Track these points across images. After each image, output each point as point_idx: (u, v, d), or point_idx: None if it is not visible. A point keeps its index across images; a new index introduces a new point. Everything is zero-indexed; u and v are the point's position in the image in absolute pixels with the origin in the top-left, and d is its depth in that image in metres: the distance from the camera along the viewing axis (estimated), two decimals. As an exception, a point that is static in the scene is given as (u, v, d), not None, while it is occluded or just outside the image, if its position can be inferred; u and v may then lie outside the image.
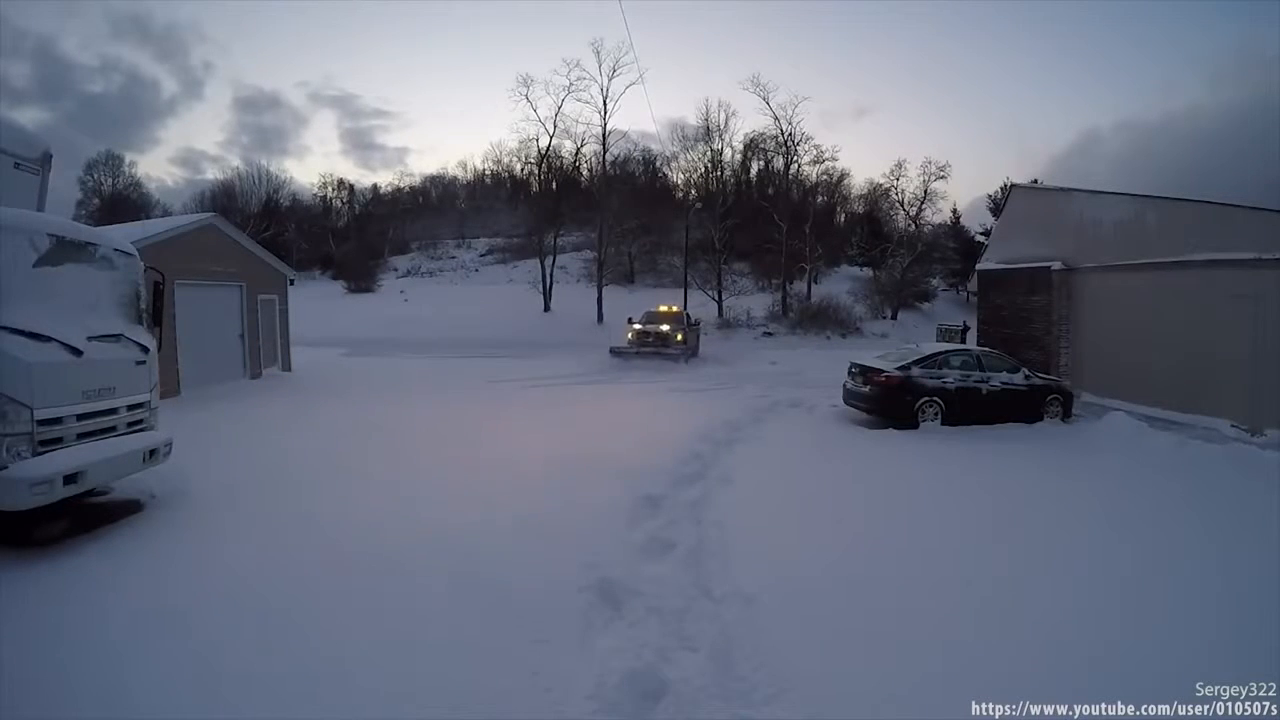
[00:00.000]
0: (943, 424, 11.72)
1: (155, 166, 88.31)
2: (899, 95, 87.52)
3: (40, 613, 4.07)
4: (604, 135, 40.13)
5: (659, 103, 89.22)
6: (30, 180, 6.21)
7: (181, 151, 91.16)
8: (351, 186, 61.16)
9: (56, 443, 5.06)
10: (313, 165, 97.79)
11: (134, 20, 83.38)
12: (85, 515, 5.67)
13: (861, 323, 36.45)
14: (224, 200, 50.48)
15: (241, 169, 66.31)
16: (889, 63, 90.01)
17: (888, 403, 11.92)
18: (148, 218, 37.02)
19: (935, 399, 11.81)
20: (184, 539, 5.40)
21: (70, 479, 4.97)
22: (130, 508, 6.04)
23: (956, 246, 44.36)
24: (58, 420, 5.08)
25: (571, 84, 39.47)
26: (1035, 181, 27.04)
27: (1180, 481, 8.23)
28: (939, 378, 11.98)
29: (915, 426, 11.68)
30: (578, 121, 43.75)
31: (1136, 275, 13.69)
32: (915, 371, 11.97)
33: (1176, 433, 10.96)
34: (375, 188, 63.34)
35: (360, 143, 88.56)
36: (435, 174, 64.61)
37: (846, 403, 12.78)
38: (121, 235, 6.92)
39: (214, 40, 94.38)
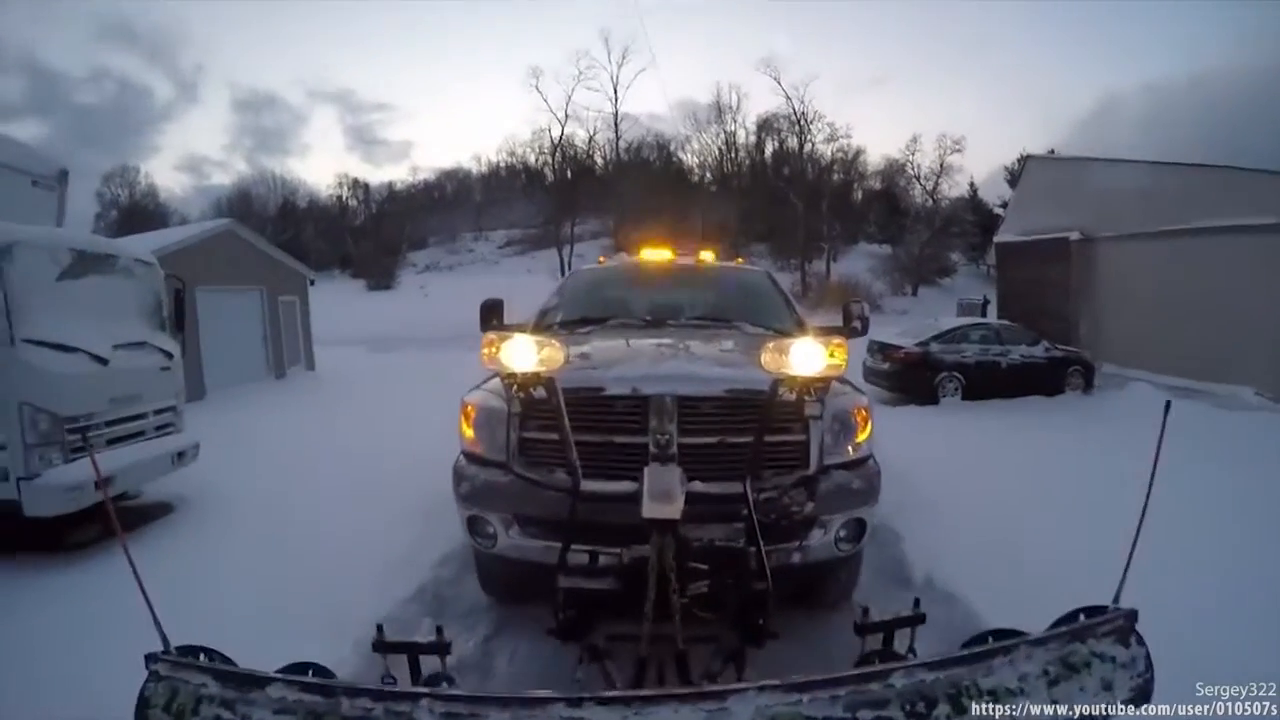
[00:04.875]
0: (963, 399, 11.68)
1: (161, 175, 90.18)
2: (915, 63, 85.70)
3: (74, 612, 4.20)
4: (616, 122, 40.18)
5: (670, 84, 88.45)
6: (48, 197, 6.37)
7: (185, 158, 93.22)
8: (367, 185, 61.63)
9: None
10: (318, 164, 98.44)
11: (119, 26, 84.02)
12: (118, 518, 5.81)
13: (882, 299, 36.23)
14: (240, 206, 51.11)
15: (251, 174, 66.86)
16: (905, 29, 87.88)
17: (908, 379, 11.92)
18: (165, 227, 37.54)
19: (955, 374, 11.76)
20: (214, 539, 5.51)
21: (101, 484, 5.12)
22: (161, 510, 6.20)
23: (975, 220, 43.87)
24: (87, 427, 5.23)
25: (581, 72, 39.60)
26: (1052, 152, 26.67)
27: (1204, 451, 8.08)
28: (958, 352, 11.93)
29: (936, 402, 11.66)
30: (589, 109, 43.68)
31: (1156, 243, 13.53)
32: (934, 347, 11.96)
33: (1199, 401, 10.83)
34: (390, 185, 63.76)
35: (363, 138, 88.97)
36: (450, 169, 64.78)
37: (866, 380, 12.74)
38: (141, 245, 7.07)
39: (202, 41, 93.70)
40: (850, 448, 3.47)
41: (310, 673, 2.21)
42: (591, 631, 2.66)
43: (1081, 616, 2.18)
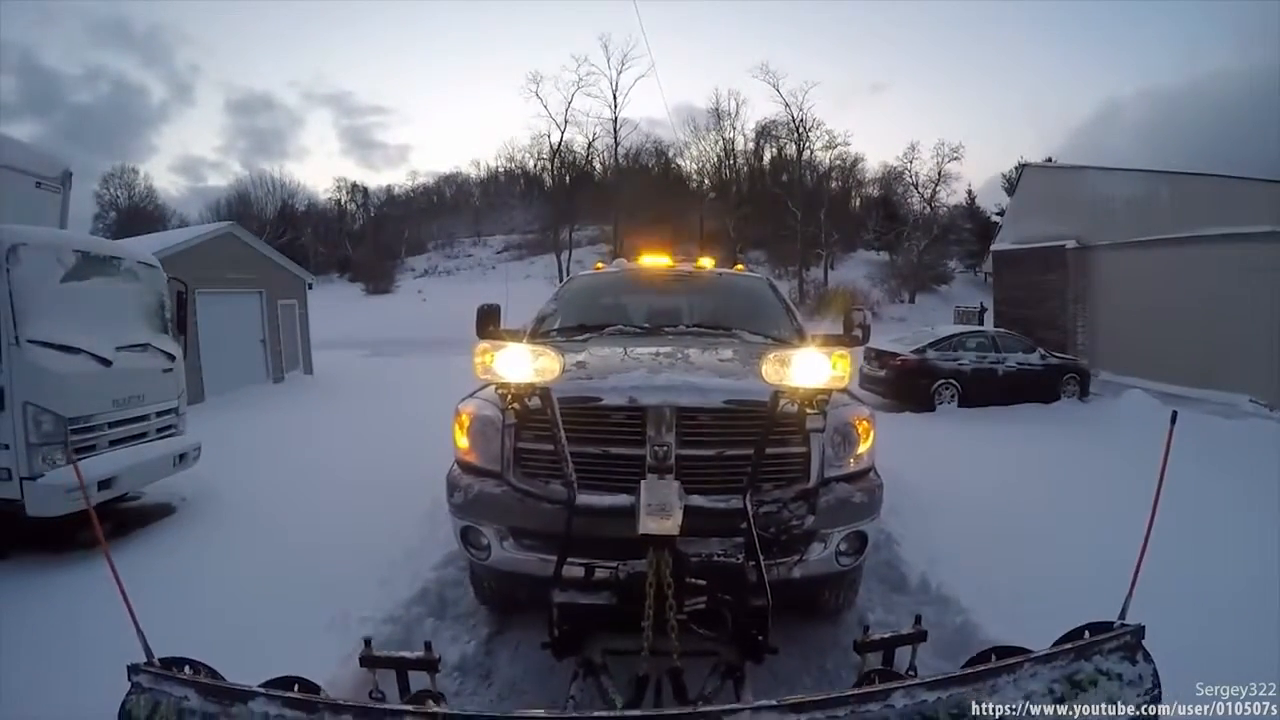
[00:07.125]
0: (959, 406, 11.73)
1: (157, 176, 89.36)
2: (914, 70, 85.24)
3: (80, 607, 4.22)
4: (615, 128, 40.31)
5: (669, 89, 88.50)
6: (52, 199, 6.40)
7: (181, 160, 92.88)
8: (365, 190, 61.67)
9: (89, 450, 5.24)
10: (315, 167, 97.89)
11: (114, 25, 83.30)
12: (120, 519, 5.85)
13: (879, 307, 36.31)
14: (239, 207, 51.10)
15: (249, 176, 66.77)
16: (904, 36, 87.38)
17: (904, 386, 11.98)
18: (165, 228, 37.52)
19: (952, 381, 11.82)
20: (215, 540, 5.52)
21: (104, 484, 5.14)
22: (162, 511, 6.22)
23: (972, 228, 44.13)
24: (90, 428, 5.25)
25: (581, 79, 39.74)
26: (1049, 160, 26.83)
27: (1199, 459, 8.10)
28: (955, 360, 11.99)
29: (932, 409, 11.70)
30: (588, 115, 43.86)
31: (1151, 251, 13.61)
32: (931, 354, 12.01)
33: (1195, 409, 10.86)
34: (389, 189, 63.80)
35: (360, 141, 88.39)
36: (449, 173, 64.87)
37: (862, 386, 12.78)
38: (143, 247, 7.09)
39: (197, 41, 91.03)
40: (851, 460, 3.38)
41: (296, 687, 2.18)
42: (587, 646, 2.59)
43: (1087, 633, 2.13)
